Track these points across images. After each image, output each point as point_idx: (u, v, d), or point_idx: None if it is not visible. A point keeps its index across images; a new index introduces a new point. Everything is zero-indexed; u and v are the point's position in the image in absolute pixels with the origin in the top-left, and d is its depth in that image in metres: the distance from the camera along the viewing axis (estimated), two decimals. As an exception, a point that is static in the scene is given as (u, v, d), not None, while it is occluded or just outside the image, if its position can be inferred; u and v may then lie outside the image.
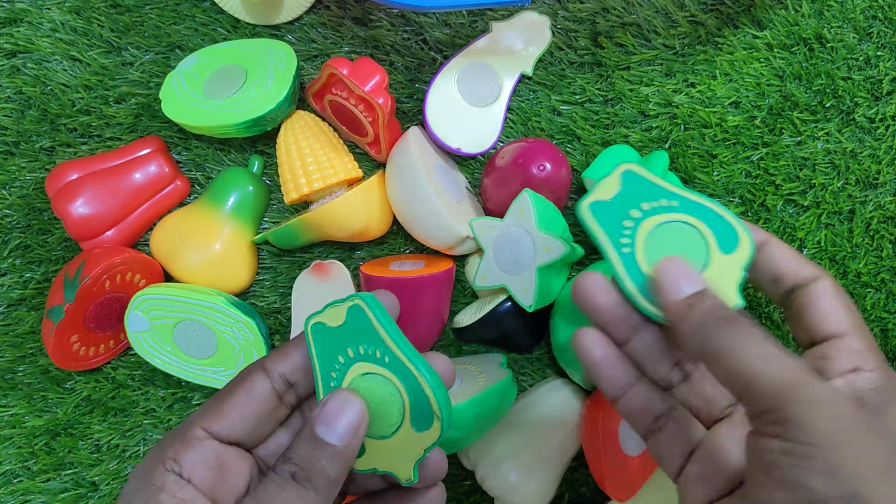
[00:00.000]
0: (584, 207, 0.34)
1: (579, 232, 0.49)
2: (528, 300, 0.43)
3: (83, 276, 0.44)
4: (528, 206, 0.42)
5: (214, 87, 0.46)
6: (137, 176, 0.48)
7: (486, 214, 0.48)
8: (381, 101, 0.44)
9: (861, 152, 0.48)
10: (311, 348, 0.31)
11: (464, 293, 0.49)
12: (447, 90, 0.47)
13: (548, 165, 0.44)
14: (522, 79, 0.48)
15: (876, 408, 0.29)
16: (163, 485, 0.28)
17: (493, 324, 0.45)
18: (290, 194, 0.46)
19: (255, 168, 0.49)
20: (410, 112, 0.49)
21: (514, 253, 0.43)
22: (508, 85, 0.48)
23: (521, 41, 0.48)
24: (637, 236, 0.32)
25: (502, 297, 0.45)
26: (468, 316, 0.46)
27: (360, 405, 0.29)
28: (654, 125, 0.48)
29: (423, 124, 0.48)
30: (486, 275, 0.44)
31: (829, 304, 0.32)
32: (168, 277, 0.49)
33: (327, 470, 0.29)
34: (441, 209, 0.43)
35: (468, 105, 0.47)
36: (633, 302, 0.32)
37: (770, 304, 0.48)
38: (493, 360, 0.47)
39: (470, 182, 0.49)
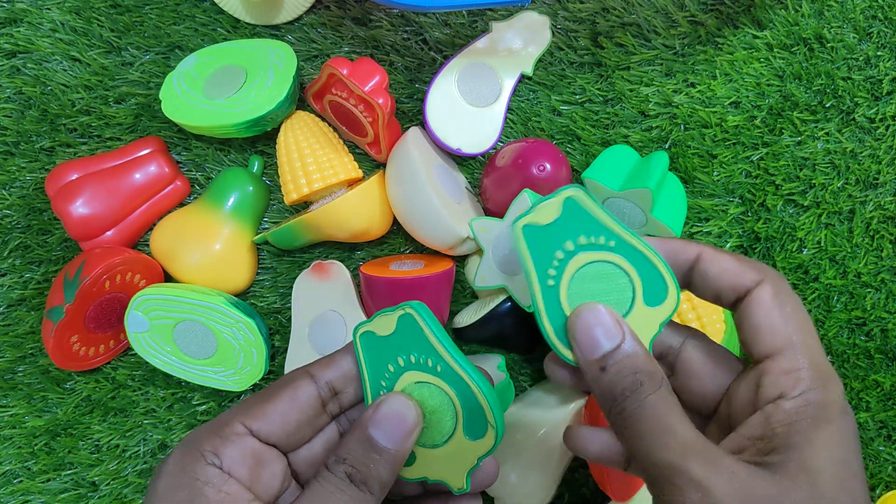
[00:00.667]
0: (518, 228, 0.31)
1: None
2: (527, 300, 0.43)
3: (83, 276, 0.45)
4: (527, 206, 0.42)
5: (214, 88, 0.46)
6: (137, 176, 0.48)
7: (486, 214, 0.48)
8: (381, 101, 0.44)
9: (861, 152, 0.48)
10: (359, 357, 0.31)
11: (464, 293, 0.49)
12: (447, 90, 0.47)
13: (548, 165, 0.44)
14: (522, 79, 0.48)
15: (779, 462, 0.26)
16: (206, 479, 0.27)
17: (493, 324, 0.45)
18: (291, 195, 0.46)
19: (255, 168, 0.49)
20: (410, 112, 0.49)
21: (514, 253, 0.43)
22: (508, 85, 0.48)
23: (521, 41, 0.48)
24: (565, 271, 0.31)
25: (502, 298, 0.45)
26: (468, 316, 0.46)
27: (416, 410, 0.29)
28: (654, 125, 0.48)
29: (423, 124, 0.48)
30: (485, 275, 0.44)
31: (763, 318, 0.29)
32: (168, 277, 0.49)
33: (381, 473, 0.28)
34: (441, 210, 0.43)
35: (468, 105, 0.47)
36: (546, 340, 0.31)
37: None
38: (491, 361, 0.47)
39: (470, 182, 0.49)
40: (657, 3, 0.48)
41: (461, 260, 0.48)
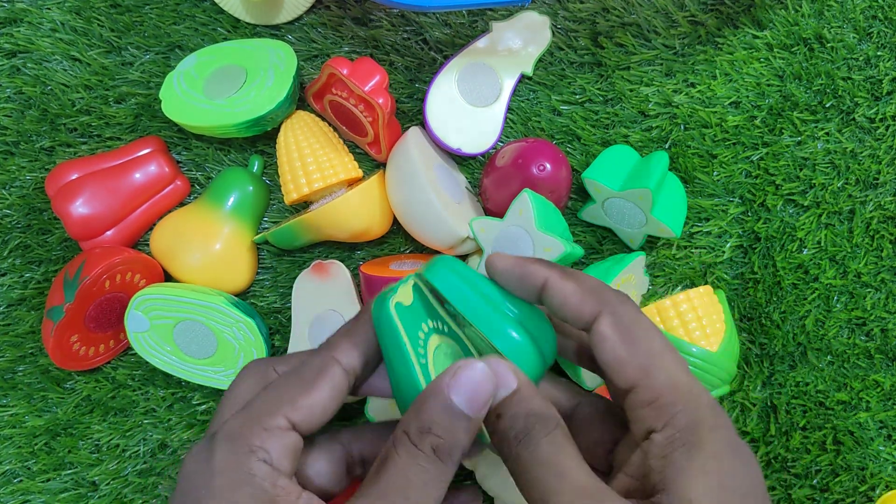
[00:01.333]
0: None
1: (579, 232, 0.49)
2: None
3: (83, 276, 0.45)
4: (527, 206, 0.42)
5: (214, 87, 0.46)
6: (137, 176, 0.48)
7: (486, 214, 0.48)
8: (381, 101, 0.44)
9: (861, 152, 0.48)
10: (397, 327, 0.30)
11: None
12: (447, 90, 0.47)
13: (548, 165, 0.44)
14: (522, 79, 0.48)
15: (661, 501, 0.25)
16: (262, 475, 0.26)
17: None
18: (291, 194, 0.46)
19: (255, 168, 0.49)
20: (410, 112, 0.49)
21: (514, 253, 0.43)
22: (508, 85, 0.48)
23: (521, 41, 0.48)
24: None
25: None
26: None
27: (491, 375, 0.27)
28: (654, 125, 0.48)
29: (423, 124, 0.48)
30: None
31: (609, 354, 0.28)
32: (168, 277, 0.49)
33: (464, 443, 0.27)
34: (441, 210, 0.43)
35: (468, 105, 0.47)
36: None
37: (769, 304, 0.48)
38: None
39: (470, 182, 0.49)
40: (657, 3, 0.48)
41: (461, 260, 0.48)
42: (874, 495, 0.47)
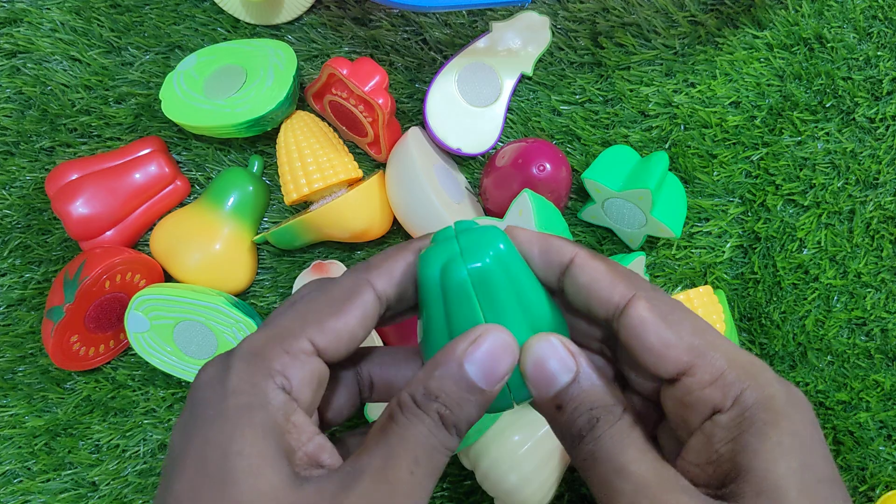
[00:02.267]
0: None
1: (579, 232, 0.49)
2: None
3: (83, 276, 0.44)
4: (527, 207, 0.42)
5: (214, 87, 0.46)
6: (137, 176, 0.48)
7: (486, 214, 0.48)
8: (380, 101, 0.44)
9: (861, 152, 0.48)
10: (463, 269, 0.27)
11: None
12: (447, 90, 0.47)
13: (548, 166, 0.44)
14: (522, 79, 0.48)
15: (734, 491, 0.23)
16: (278, 405, 0.24)
17: None
18: (291, 195, 0.46)
19: (255, 168, 0.49)
20: (410, 112, 0.49)
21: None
22: (509, 85, 0.48)
23: (521, 41, 0.48)
24: None
25: None
26: None
27: (516, 349, 0.25)
28: (654, 125, 0.48)
29: (423, 124, 0.48)
30: None
31: (653, 336, 0.25)
32: (168, 277, 0.49)
33: (472, 416, 0.25)
34: (441, 210, 0.43)
35: (468, 105, 0.47)
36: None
37: (769, 304, 0.48)
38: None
39: (470, 182, 0.49)
40: (657, 3, 0.48)
41: None
42: (874, 495, 0.47)
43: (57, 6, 0.50)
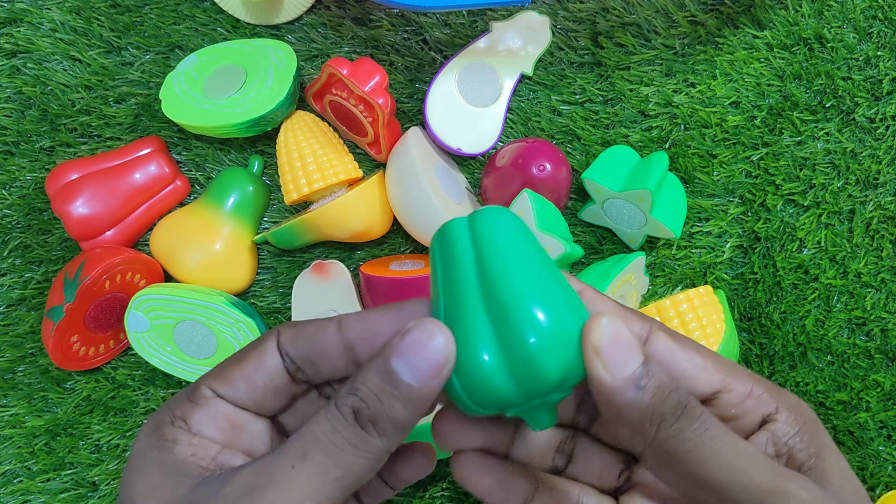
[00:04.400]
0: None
1: (579, 232, 0.49)
2: None
3: (83, 276, 0.44)
4: (527, 206, 0.42)
5: (214, 87, 0.46)
6: (137, 176, 0.48)
7: None
8: (380, 101, 0.44)
9: (861, 152, 0.48)
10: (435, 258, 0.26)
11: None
12: (447, 90, 0.47)
13: (548, 165, 0.44)
14: (522, 79, 0.48)
15: (815, 469, 0.25)
16: (174, 438, 0.25)
17: None
18: (291, 195, 0.46)
19: (255, 168, 0.49)
20: (410, 112, 0.49)
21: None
22: (509, 85, 0.48)
23: (521, 41, 0.48)
24: None
25: None
26: None
27: (449, 341, 0.23)
28: (654, 125, 0.48)
29: (423, 124, 0.48)
30: None
31: (686, 362, 0.26)
32: (168, 277, 0.49)
33: (396, 413, 0.23)
34: (440, 210, 0.43)
35: (468, 105, 0.47)
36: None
37: (769, 304, 0.48)
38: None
39: (470, 182, 0.49)
40: (657, 3, 0.48)
41: None
42: (874, 495, 0.47)
43: (57, 6, 0.50)
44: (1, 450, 0.50)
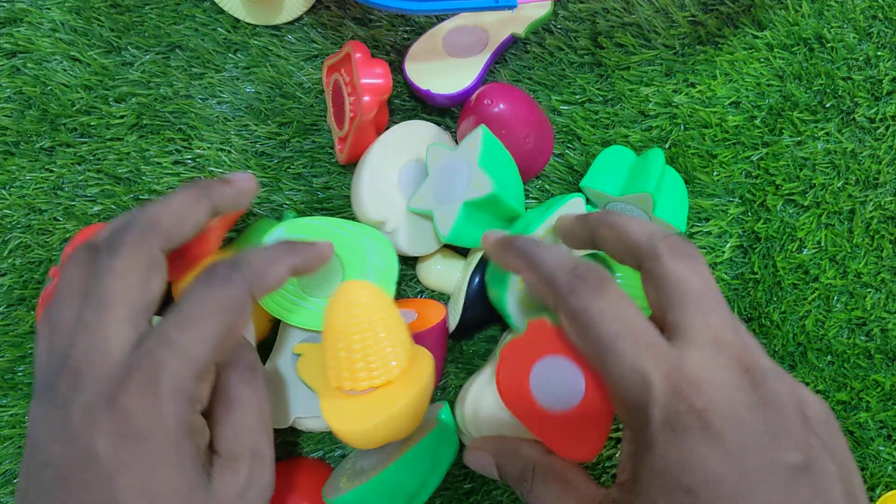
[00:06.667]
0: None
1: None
2: (444, 230, 0.41)
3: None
4: (477, 141, 0.41)
5: (310, 280, 0.42)
6: None
7: None
8: (366, 98, 0.42)
9: (861, 152, 0.48)
10: None
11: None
12: (432, 45, 0.46)
13: (498, 103, 0.43)
14: (514, 41, 0.48)
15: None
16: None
17: (476, 306, 0.44)
18: (343, 382, 0.37)
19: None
20: (406, 110, 0.49)
21: (451, 183, 0.42)
22: (496, 40, 0.47)
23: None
24: None
25: (466, 284, 0.44)
26: (453, 314, 0.45)
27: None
28: (654, 125, 0.48)
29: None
30: (420, 198, 0.43)
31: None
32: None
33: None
34: (365, 186, 0.43)
35: (450, 57, 0.47)
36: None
37: (769, 304, 0.48)
38: (432, 409, 0.42)
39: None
40: (657, 3, 0.48)
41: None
42: (874, 495, 0.47)
43: (57, 6, 0.50)
44: (1, 450, 0.50)
